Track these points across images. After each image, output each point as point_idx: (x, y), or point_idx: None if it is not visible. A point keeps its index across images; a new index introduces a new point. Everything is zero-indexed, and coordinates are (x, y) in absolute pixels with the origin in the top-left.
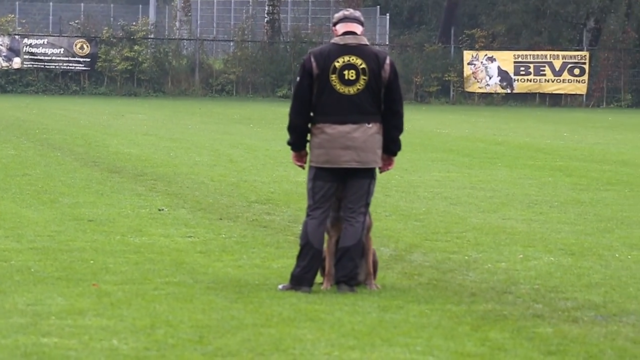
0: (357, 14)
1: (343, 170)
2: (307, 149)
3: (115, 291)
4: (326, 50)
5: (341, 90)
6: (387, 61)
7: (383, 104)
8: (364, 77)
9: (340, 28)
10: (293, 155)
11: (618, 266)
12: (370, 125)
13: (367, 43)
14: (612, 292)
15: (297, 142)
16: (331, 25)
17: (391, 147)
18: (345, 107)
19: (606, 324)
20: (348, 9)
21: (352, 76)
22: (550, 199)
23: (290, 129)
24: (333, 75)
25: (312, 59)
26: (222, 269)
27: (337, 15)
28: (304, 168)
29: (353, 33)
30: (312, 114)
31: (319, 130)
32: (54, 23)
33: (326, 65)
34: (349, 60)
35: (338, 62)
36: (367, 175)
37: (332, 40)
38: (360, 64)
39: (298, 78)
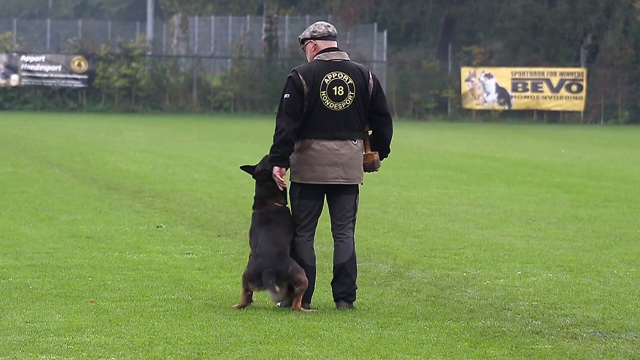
0: (333, 29)
1: (328, 186)
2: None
3: (114, 308)
4: (313, 68)
5: (330, 107)
6: (370, 75)
7: (374, 113)
8: (352, 93)
9: (322, 44)
10: (277, 170)
11: (617, 283)
12: (356, 142)
13: (348, 58)
14: (611, 309)
15: (286, 156)
16: (309, 38)
17: (384, 154)
18: (334, 123)
19: (605, 341)
20: (322, 23)
21: (340, 92)
22: (548, 216)
23: (282, 142)
24: (323, 92)
25: (301, 76)
26: (221, 285)
27: (320, 32)
28: (284, 189)
29: (335, 49)
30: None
31: (306, 147)
32: (51, 40)
33: (316, 82)
34: (337, 77)
35: (327, 78)
36: (353, 190)
37: (316, 57)
38: (348, 80)
39: (287, 95)
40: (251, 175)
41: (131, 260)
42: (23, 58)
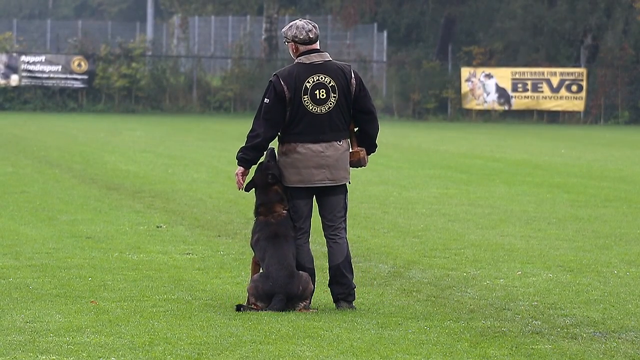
0: (314, 33)
1: (316, 188)
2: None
3: (114, 308)
4: (294, 72)
5: (313, 110)
6: (353, 74)
7: (358, 112)
8: (334, 95)
9: (302, 48)
10: (242, 170)
11: (617, 283)
12: (341, 143)
13: (330, 58)
14: (611, 309)
15: (254, 160)
16: (294, 39)
17: (371, 150)
18: (318, 126)
19: (605, 341)
20: (304, 28)
21: (322, 95)
22: (548, 216)
23: (254, 148)
24: (305, 96)
25: (282, 82)
26: (221, 285)
27: (301, 38)
28: (240, 189)
29: (316, 50)
30: (280, 134)
31: (291, 150)
32: (51, 40)
33: (297, 86)
34: (318, 80)
35: (309, 82)
36: (342, 190)
37: (297, 60)
38: (329, 82)
39: (267, 100)
40: (254, 189)
41: (131, 261)
42: (23, 58)
